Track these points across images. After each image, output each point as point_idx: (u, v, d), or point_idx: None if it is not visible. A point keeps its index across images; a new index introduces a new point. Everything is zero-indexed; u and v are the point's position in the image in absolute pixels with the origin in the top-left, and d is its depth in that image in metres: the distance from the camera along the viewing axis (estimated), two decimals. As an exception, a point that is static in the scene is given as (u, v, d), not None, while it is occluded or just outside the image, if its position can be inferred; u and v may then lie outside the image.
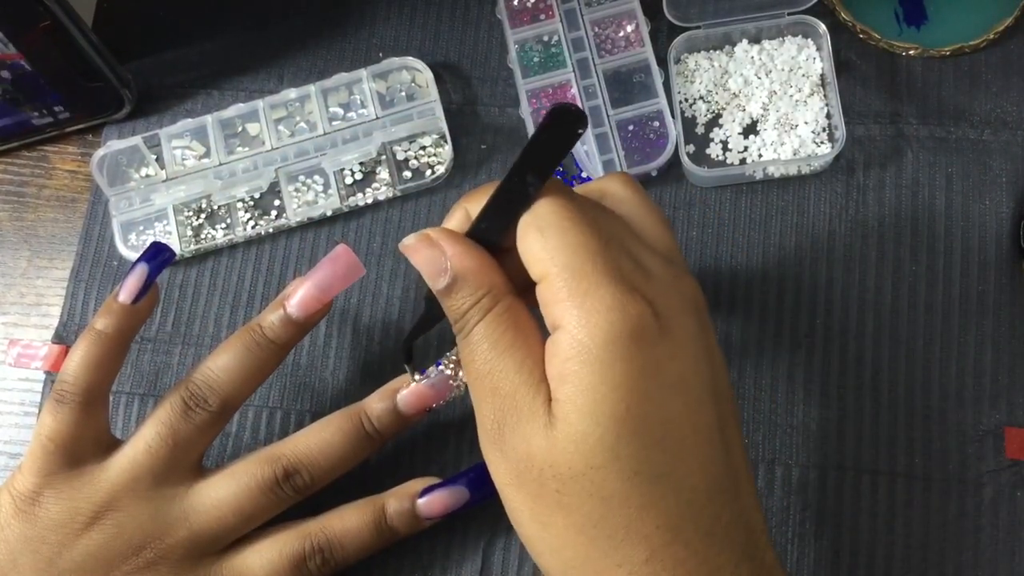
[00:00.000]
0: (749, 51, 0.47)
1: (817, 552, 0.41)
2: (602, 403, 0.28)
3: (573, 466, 0.29)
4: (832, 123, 0.46)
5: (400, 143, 0.47)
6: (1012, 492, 0.41)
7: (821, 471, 0.42)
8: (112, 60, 0.47)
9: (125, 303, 0.38)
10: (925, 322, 0.43)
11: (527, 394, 0.30)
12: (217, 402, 0.37)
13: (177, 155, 0.48)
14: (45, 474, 0.36)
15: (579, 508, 0.29)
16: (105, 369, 0.38)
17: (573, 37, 0.48)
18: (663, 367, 0.29)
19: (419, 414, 0.39)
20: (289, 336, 0.39)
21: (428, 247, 0.31)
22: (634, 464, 0.28)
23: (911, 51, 0.47)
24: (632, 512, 0.29)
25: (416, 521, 0.39)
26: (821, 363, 0.43)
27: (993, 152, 0.45)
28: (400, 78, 0.48)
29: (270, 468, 0.37)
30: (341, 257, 0.39)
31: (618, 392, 0.28)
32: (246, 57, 0.50)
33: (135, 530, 0.36)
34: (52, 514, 0.36)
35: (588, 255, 0.29)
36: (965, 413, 0.42)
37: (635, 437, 0.28)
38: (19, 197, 0.50)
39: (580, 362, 0.29)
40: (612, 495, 0.28)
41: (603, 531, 0.29)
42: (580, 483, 0.29)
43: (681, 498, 0.29)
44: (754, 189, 0.46)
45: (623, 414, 0.28)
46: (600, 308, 0.29)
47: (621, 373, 0.28)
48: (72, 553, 0.36)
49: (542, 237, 0.30)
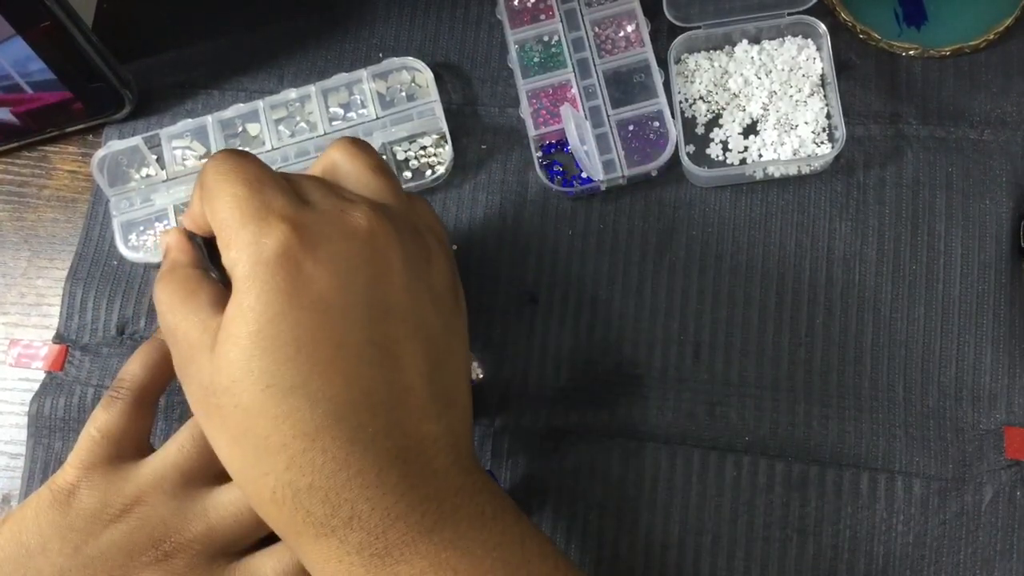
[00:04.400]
0: (749, 51, 0.47)
1: (817, 550, 0.41)
2: (238, 325, 0.32)
3: (220, 382, 0.32)
4: (832, 123, 0.46)
5: (400, 143, 0.47)
6: (1012, 492, 0.41)
7: (821, 470, 0.42)
8: (112, 60, 0.47)
9: None
10: (925, 322, 0.43)
11: (197, 335, 0.33)
12: None
13: (177, 155, 0.48)
14: (86, 467, 0.38)
15: (230, 420, 0.32)
16: (160, 372, 0.41)
17: (573, 37, 0.48)
18: (302, 288, 0.32)
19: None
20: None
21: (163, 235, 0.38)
22: (266, 378, 0.31)
23: (911, 51, 0.47)
24: (269, 423, 0.31)
25: None
26: (821, 363, 0.43)
27: (993, 152, 0.45)
28: (400, 78, 0.49)
29: None
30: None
31: (250, 314, 0.31)
32: (246, 57, 0.50)
33: (157, 523, 0.38)
34: (85, 505, 0.38)
35: (234, 204, 0.33)
36: (965, 413, 0.42)
37: (266, 353, 0.31)
38: (20, 197, 0.50)
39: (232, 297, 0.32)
40: (250, 407, 0.31)
41: (250, 441, 0.32)
42: (227, 396, 0.32)
43: (317, 409, 0.31)
44: (754, 189, 0.46)
45: (254, 334, 0.31)
46: (240, 246, 0.32)
47: (254, 297, 0.31)
48: (98, 542, 0.37)
49: (207, 203, 0.34)
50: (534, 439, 0.43)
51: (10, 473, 0.46)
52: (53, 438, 0.45)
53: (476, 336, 0.44)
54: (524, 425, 0.43)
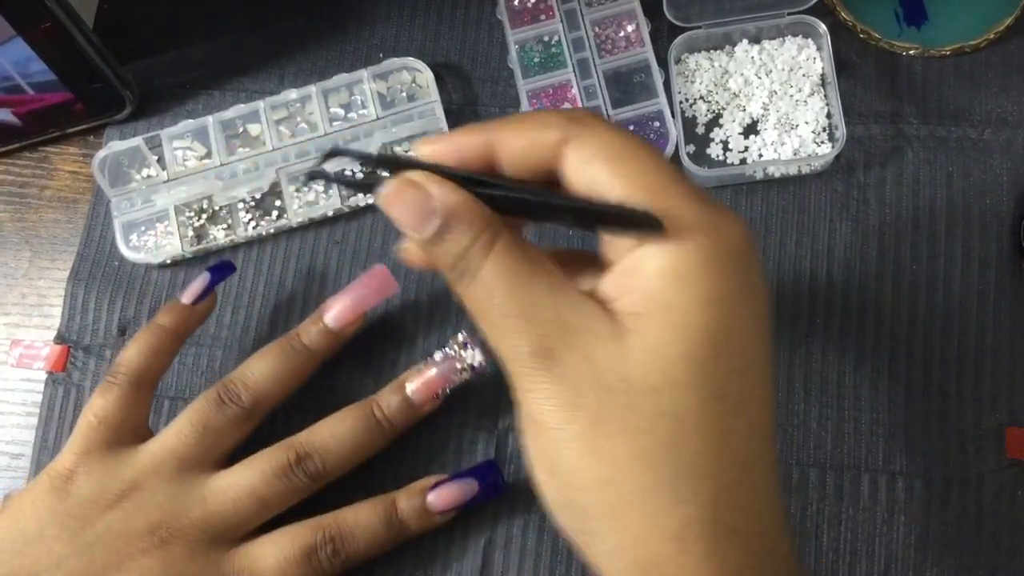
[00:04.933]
0: (749, 51, 0.47)
1: (817, 552, 0.41)
2: (688, 317, 0.26)
3: (648, 379, 0.26)
4: (832, 123, 0.46)
5: (401, 143, 0.47)
6: (1012, 492, 0.41)
7: (821, 471, 0.42)
8: (113, 61, 0.47)
9: (186, 303, 0.42)
10: (925, 322, 0.43)
11: (575, 313, 0.26)
12: (249, 399, 0.40)
13: (178, 156, 0.48)
14: (83, 453, 0.38)
15: (649, 429, 0.26)
16: (157, 358, 0.41)
17: (573, 37, 0.48)
18: (748, 296, 0.27)
19: (429, 401, 0.41)
20: (324, 344, 0.42)
21: (410, 190, 0.27)
22: (716, 387, 0.26)
23: (911, 51, 0.47)
24: (706, 441, 0.26)
25: (427, 516, 0.40)
26: (821, 363, 0.43)
27: (993, 152, 0.45)
28: (401, 79, 0.49)
29: (284, 453, 0.39)
30: (377, 275, 0.42)
31: (708, 310, 0.26)
32: (247, 58, 0.50)
33: (154, 509, 0.38)
34: (82, 491, 0.38)
35: (669, 176, 0.27)
36: (965, 413, 0.42)
37: (720, 359, 0.26)
38: (21, 198, 0.50)
39: (666, 278, 0.26)
40: (688, 417, 0.26)
41: (671, 457, 0.26)
42: (654, 399, 0.25)
43: (754, 435, 0.26)
44: (754, 189, 0.46)
45: (711, 332, 0.26)
46: (693, 225, 0.26)
47: (712, 290, 0.26)
48: (95, 528, 0.37)
49: (611, 164, 0.27)
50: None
51: (11, 473, 0.46)
52: (55, 439, 0.45)
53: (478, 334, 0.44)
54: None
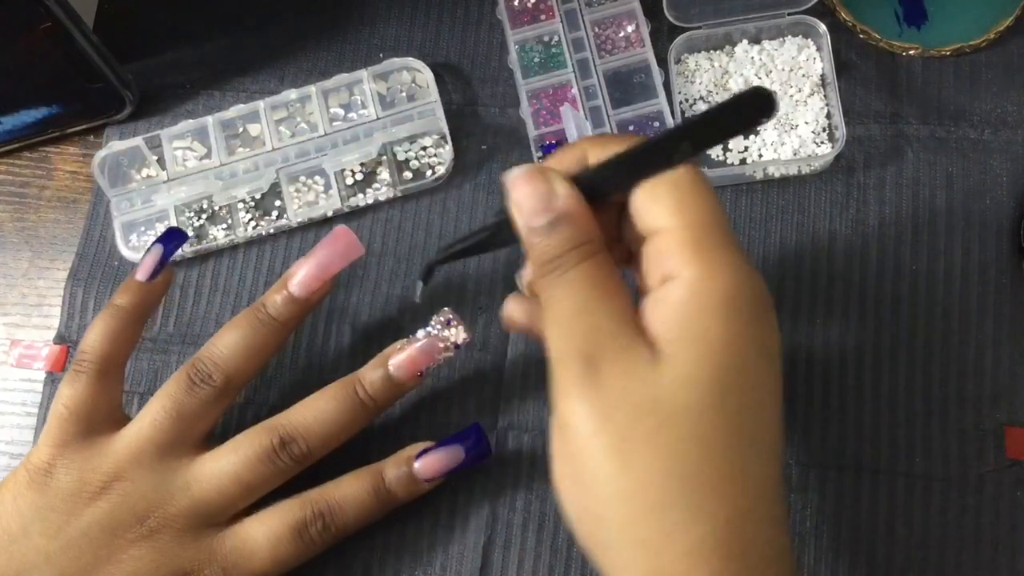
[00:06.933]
0: (749, 51, 0.47)
1: (817, 552, 0.41)
2: (714, 353, 0.28)
3: (678, 403, 0.28)
4: (832, 123, 0.46)
5: (401, 143, 0.47)
6: (1012, 492, 0.41)
7: (821, 471, 0.42)
8: (113, 61, 0.47)
9: (141, 280, 0.41)
10: (925, 322, 0.43)
11: (627, 333, 0.29)
12: (221, 377, 0.39)
13: (178, 156, 0.48)
14: (59, 444, 0.38)
15: (675, 449, 0.28)
16: (121, 340, 0.40)
17: (573, 37, 0.48)
18: (765, 341, 0.30)
19: (411, 379, 0.40)
20: (291, 314, 0.40)
21: (540, 181, 0.31)
22: (738, 418, 0.28)
23: (911, 51, 0.47)
24: (726, 467, 0.28)
25: (414, 484, 0.39)
26: (821, 363, 0.43)
27: (993, 152, 0.45)
28: (400, 79, 0.49)
29: (267, 437, 0.38)
30: (340, 237, 0.40)
31: (730, 348, 0.28)
32: (247, 58, 0.50)
33: (139, 499, 0.37)
34: (63, 484, 0.37)
35: (717, 217, 0.30)
36: (965, 413, 0.42)
37: (741, 393, 0.28)
38: (20, 198, 0.50)
39: (698, 309, 0.29)
40: (713, 442, 0.28)
41: (694, 477, 0.28)
42: (682, 422, 0.28)
43: (763, 469, 0.29)
44: (754, 189, 0.46)
45: (733, 369, 0.28)
46: (727, 265, 0.29)
47: (734, 331, 0.29)
48: (79, 521, 0.37)
49: (675, 190, 0.30)
50: (538, 437, 0.43)
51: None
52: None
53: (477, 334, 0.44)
54: (528, 424, 0.43)
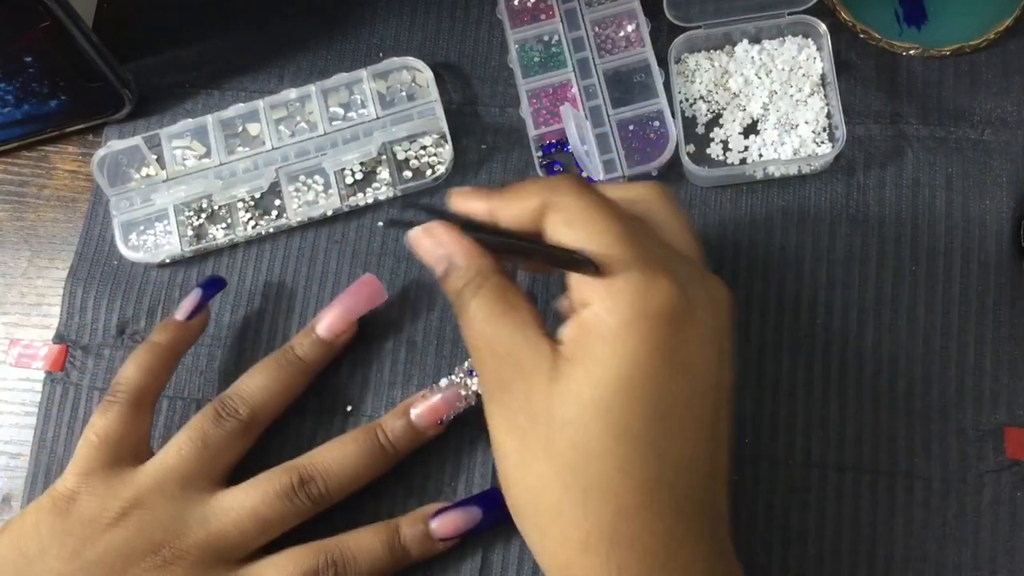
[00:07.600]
0: (749, 51, 0.47)
1: (817, 552, 0.41)
2: (607, 371, 0.31)
3: (565, 415, 0.31)
4: (832, 123, 0.46)
5: (400, 143, 0.47)
6: (1012, 492, 0.41)
7: (821, 471, 0.42)
8: (112, 60, 0.47)
9: (180, 320, 0.43)
10: (925, 322, 0.43)
11: (526, 352, 0.32)
12: (247, 412, 0.40)
13: (178, 155, 0.48)
14: (85, 472, 0.39)
15: (560, 455, 0.31)
16: (155, 374, 0.41)
17: (573, 37, 0.48)
18: (676, 350, 0.31)
19: (432, 427, 0.41)
20: (317, 355, 0.42)
21: (427, 238, 0.35)
22: (622, 427, 0.31)
23: (911, 51, 0.47)
24: (610, 470, 0.31)
25: (429, 542, 0.40)
26: (821, 363, 0.43)
27: (993, 152, 0.45)
28: (400, 78, 0.49)
29: (287, 475, 0.39)
30: (366, 284, 0.43)
31: (626, 364, 0.31)
32: (246, 57, 0.50)
33: (156, 529, 0.38)
34: (83, 510, 0.38)
35: (614, 240, 0.32)
36: (965, 413, 0.42)
37: (631, 404, 0.31)
38: (19, 197, 0.50)
39: (598, 336, 0.31)
40: (594, 450, 0.31)
41: (579, 481, 0.31)
42: (568, 432, 0.31)
43: (662, 467, 0.31)
44: (754, 189, 0.46)
45: (624, 380, 0.31)
46: (625, 288, 0.31)
47: (633, 348, 0.31)
48: (96, 547, 0.37)
49: (571, 229, 0.33)
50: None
51: (10, 473, 0.46)
52: (54, 439, 0.45)
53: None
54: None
